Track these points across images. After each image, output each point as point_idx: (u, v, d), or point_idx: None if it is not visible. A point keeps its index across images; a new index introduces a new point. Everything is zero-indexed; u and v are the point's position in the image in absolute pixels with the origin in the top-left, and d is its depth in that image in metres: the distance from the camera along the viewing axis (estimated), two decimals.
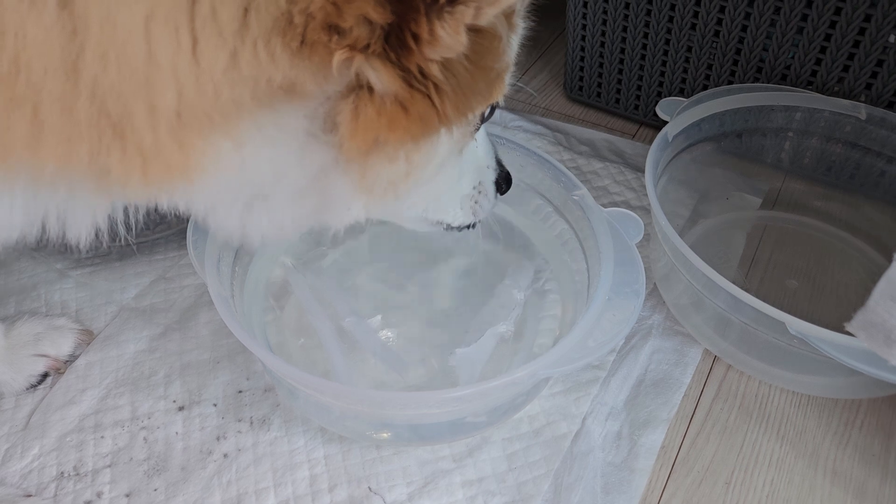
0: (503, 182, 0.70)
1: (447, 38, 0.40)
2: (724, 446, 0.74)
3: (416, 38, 0.40)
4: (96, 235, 0.54)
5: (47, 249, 0.90)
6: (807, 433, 0.75)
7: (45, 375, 0.78)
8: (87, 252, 0.91)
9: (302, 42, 0.41)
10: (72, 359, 0.79)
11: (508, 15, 0.46)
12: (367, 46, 0.41)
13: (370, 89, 0.44)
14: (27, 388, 0.77)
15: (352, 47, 0.41)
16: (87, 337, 0.81)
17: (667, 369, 0.80)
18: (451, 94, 0.44)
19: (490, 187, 0.68)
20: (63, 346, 0.79)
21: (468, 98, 0.46)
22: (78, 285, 0.88)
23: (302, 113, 0.46)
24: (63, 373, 0.78)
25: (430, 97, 0.44)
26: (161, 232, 0.91)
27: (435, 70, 0.42)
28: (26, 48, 0.39)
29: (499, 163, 0.69)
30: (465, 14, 0.40)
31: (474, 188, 0.66)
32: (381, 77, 0.42)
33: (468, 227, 0.69)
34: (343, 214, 0.56)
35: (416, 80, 0.43)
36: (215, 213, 0.55)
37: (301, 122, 0.47)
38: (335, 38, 0.40)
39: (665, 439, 0.74)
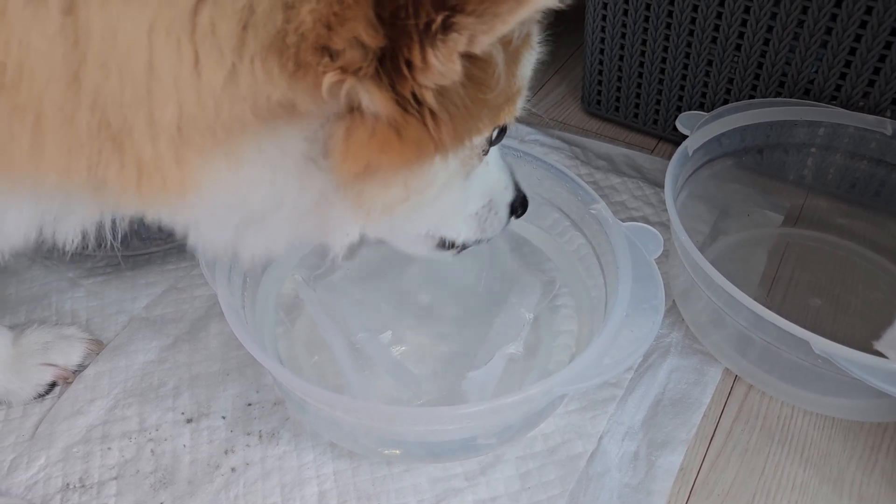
0: (519, 206, 0.68)
1: (440, 66, 0.40)
2: (745, 469, 0.71)
3: (410, 64, 0.40)
4: (106, 244, 0.55)
5: (59, 258, 0.90)
6: (831, 457, 0.72)
7: (52, 385, 0.77)
8: (100, 261, 0.90)
9: (296, 63, 0.40)
10: (80, 368, 0.79)
11: (506, 43, 0.45)
12: (360, 69, 0.40)
13: (363, 112, 0.43)
14: (35, 398, 0.76)
15: (343, 70, 0.40)
16: (97, 347, 0.80)
17: (686, 388, 0.78)
18: (446, 121, 0.43)
19: (503, 208, 0.67)
20: (72, 355, 0.78)
21: (466, 124, 0.45)
22: (89, 294, 0.87)
23: (302, 135, 0.46)
24: (71, 382, 0.77)
25: (424, 122, 0.43)
26: (174, 242, 0.90)
27: (429, 97, 0.42)
28: (30, 56, 0.39)
29: (516, 186, 0.68)
30: (459, 42, 0.39)
31: (483, 206, 0.65)
32: (374, 100, 0.41)
33: (475, 243, 0.68)
34: (341, 238, 0.56)
35: (410, 105, 0.42)
36: (200, 231, 0.54)
37: (301, 146, 0.46)
38: (326, 60, 0.40)
39: (684, 461, 0.71)
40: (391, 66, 0.40)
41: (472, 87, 0.44)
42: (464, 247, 0.67)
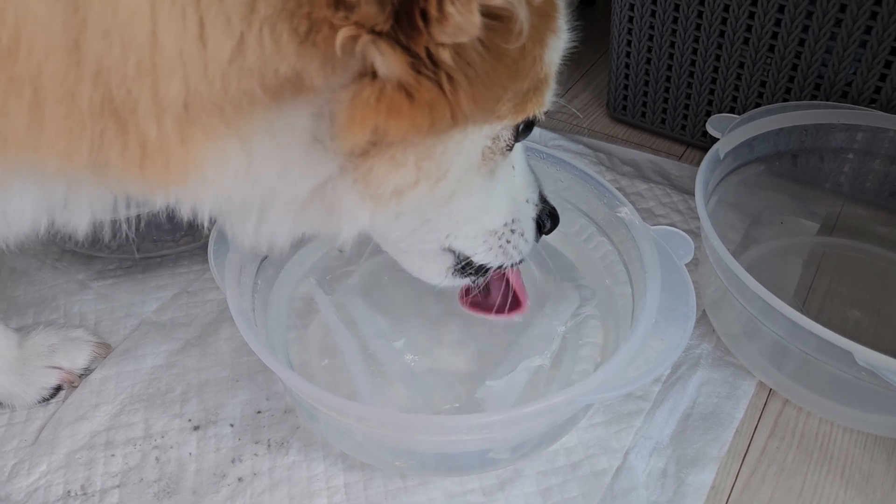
0: (547, 219, 0.64)
1: (457, 17, 0.37)
2: (781, 489, 0.67)
3: (425, 16, 0.37)
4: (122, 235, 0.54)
5: (69, 259, 0.88)
6: (874, 478, 0.68)
7: (58, 389, 0.75)
8: (110, 263, 0.88)
9: (309, 24, 0.38)
10: (87, 372, 0.76)
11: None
12: (376, 26, 0.38)
13: (374, 75, 0.40)
14: (39, 402, 0.74)
15: (359, 25, 0.38)
16: (104, 350, 0.78)
17: (717, 402, 0.74)
18: (464, 84, 0.41)
19: (529, 225, 0.63)
20: (78, 358, 0.76)
21: (486, 90, 0.42)
22: (98, 297, 0.85)
23: (309, 112, 0.43)
24: (77, 386, 0.75)
25: (440, 85, 0.40)
26: (186, 244, 0.88)
27: (445, 55, 0.39)
28: (27, 23, 0.36)
29: (543, 199, 0.64)
30: None
31: (505, 225, 0.61)
32: (388, 61, 0.39)
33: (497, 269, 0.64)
34: (350, 225, 0.52)
35: (424, 65, 0.39)
36: (228, 219, 0.53)
37: (308, 123, 0.44)
38: (341, 14, 0.37)
39: (715, 479, 0.68)
40: (406, 21, 0.38)
41: (492, 47, 0.41)
42: (483, 271, 0.63)
